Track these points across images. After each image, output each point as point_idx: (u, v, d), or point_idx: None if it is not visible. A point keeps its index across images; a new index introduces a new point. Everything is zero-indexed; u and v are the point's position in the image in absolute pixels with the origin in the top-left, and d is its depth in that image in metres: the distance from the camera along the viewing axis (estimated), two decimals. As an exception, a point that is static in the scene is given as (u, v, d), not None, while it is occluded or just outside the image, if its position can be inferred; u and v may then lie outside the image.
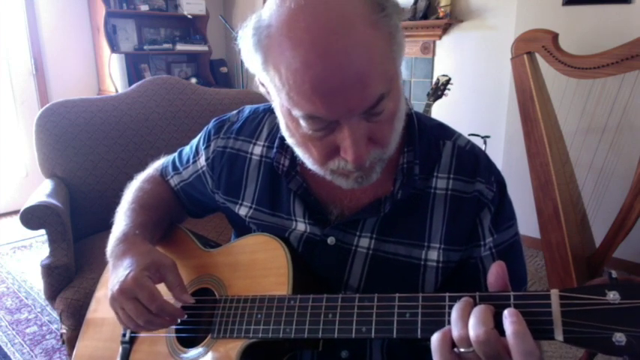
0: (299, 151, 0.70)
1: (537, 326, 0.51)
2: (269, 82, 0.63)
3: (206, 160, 0.89)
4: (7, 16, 3.63)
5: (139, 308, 0.72)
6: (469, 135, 0.88)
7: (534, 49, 2.32)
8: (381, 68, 0.58)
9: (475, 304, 0.54)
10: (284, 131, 0.70)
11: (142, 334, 0.86)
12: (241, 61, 0.67)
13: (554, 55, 2.23)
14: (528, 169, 2.45)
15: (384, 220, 0.74)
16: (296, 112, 0.61)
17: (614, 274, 0.49)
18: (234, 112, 0.91)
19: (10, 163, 3.77)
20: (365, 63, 0.57)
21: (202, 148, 0.90)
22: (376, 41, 0.58)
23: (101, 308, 0.96)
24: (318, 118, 0.61)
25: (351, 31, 0.56)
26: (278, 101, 0.65)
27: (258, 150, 0.84)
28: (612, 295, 0.48)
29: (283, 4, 0.58)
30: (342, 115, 0.60)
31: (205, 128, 0.92)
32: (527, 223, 2.70)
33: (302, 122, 0.63)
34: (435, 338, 0.54)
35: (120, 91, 3.64)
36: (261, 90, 0.70)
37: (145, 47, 4.13)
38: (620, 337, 0.47)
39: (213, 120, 0.92)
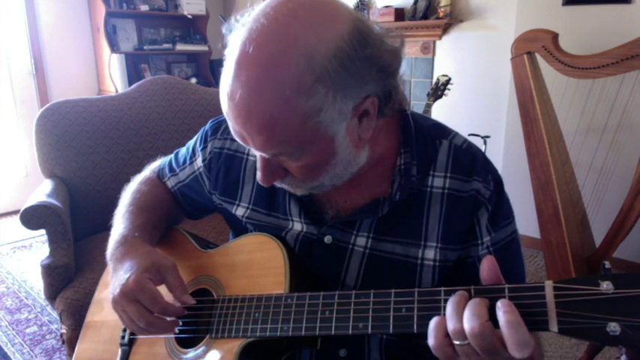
0: None
1: (532, 317, 0.51)
2: None
3: (203, 161, 0.89)
4: (7, 16, 3.63)
5: (140, 310, 0.72)
6: (469, 135, 0.88)
7: (534, 49, 2.31)
8: (279, 134, 0.60)
9: (470, 298, 0.54)
10: None
11: (141, 336, 0.86)
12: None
13: (554, 55, 2.22)
14: (528, 169, 2.45)
15: (381, 220, 0.74)
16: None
17: (607, 264, 0.49)
18: None
19: (10, 163, 3.77)
20: (259, 125, 0.60)
21: (199, 149, 0.90)
22: (284, 113, 0.59)
23: (100, 311, 0.96)
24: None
25: (258, 95, 0.58)
26: None
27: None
28: (606, 286, 0.48)
29: (243, 29, 0.60)
30: (247, 145, 0.65)
31: (202, 129, 0.92)
32: (527, 223, 2.70)
33: None
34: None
35: (120, 91, 3.64)
36: None
37: (145, 47, 4.12)
38: (614, 327, 0.47)
39: (210, 121, 0.91)
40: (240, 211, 0.84)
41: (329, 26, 0.59)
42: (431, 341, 0.55)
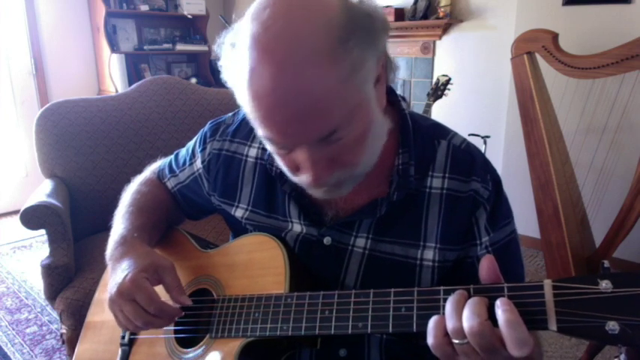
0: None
1: (531, 316, 0.51)
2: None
3: (202, 162, 0.89)
4: (7, 16, 3.63)
5: (137, 310, 0.72)
6: (469, 135, 0.88)
7: (534, 49, 2.32)
8: (332, 104, 0.58)
9: (469, 297, 0.54)
10: None
11: (141, 336, 0.86)
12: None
13: (554, 55, 2.23)
14: (528, 169, 2.45)
15: (380, 220, 0.74)
16: (259, 132, 0.63)
17: (606, 263, 0.49)
18: (230, 114, 0.91)
19: (10, 163, 3.77)
20: (312, 102, 0.57)
21: (198, 150, 0.90)
22: (329, 78, 0.56)
23: (101, 311, 0.96)
24: (276, 142, 0.62)
25: (300, 69, 0.56)
26: None
27: (253, 152, 0.84)
28: (605, 284, 0.48)
29: (248, 28, 0.59)
30: (296, 143, 0.62)
31: (201, 131, 0.92)
32: (527, 223, 2.70)
33: (265, 141, 0.65)
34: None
35: (120, 91, 3.65)
36: None
37: (145, 47, 4.13)
38: (613, 326, 0.47)
39: (209, 122, 0.92)
40: (239, 213, 0.84)
41: None
42: (430, 340, 0.55)
